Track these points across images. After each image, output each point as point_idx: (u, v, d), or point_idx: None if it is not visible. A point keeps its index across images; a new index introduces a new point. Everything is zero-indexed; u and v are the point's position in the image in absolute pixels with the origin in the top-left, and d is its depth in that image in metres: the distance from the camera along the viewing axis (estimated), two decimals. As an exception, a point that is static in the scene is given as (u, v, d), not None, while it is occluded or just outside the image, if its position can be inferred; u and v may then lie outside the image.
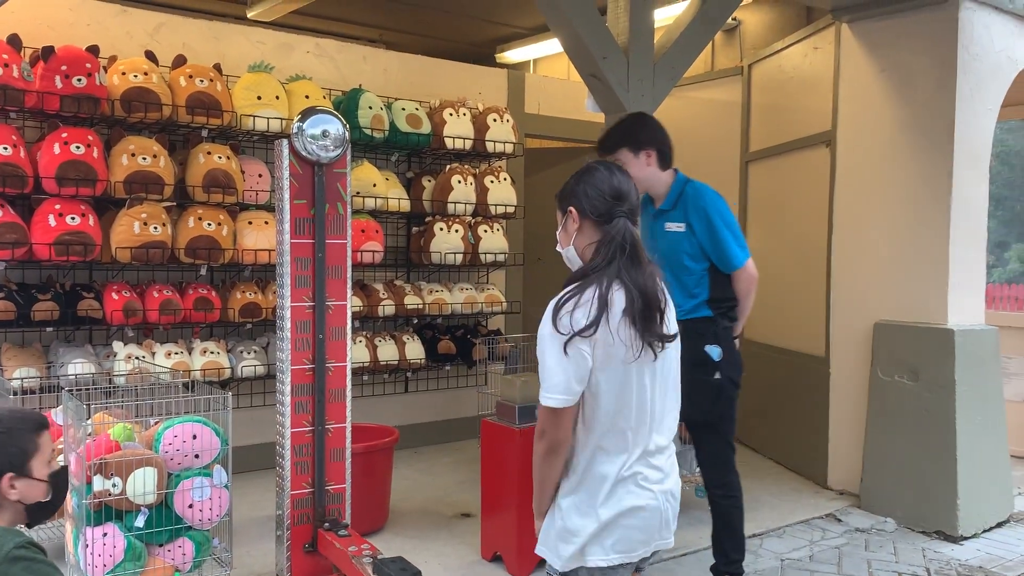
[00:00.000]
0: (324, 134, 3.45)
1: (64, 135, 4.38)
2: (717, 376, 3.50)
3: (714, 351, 3.48)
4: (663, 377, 2.07)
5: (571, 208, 2.10)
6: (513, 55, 8.48)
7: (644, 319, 1.96)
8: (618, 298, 1.96)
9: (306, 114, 3.46)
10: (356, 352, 5.29)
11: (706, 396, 3.48)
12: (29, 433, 1.99)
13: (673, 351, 2.10)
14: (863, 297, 5.14)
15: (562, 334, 1.93)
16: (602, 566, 2.01)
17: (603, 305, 1.94)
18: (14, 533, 1.85)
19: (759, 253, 6.38)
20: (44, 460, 2.03)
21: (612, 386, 1.97)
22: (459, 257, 5.83)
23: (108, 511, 3.17)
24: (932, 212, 4.83)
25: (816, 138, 5.58)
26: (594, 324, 1.92)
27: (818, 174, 5.52)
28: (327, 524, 3.48)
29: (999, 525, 4.76)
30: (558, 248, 2.18)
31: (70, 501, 3.30)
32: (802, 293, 5.75)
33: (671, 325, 2.08)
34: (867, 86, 5.14)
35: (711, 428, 3.59)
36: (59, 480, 2.13)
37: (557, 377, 1.95)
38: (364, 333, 5.58)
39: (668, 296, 2.08)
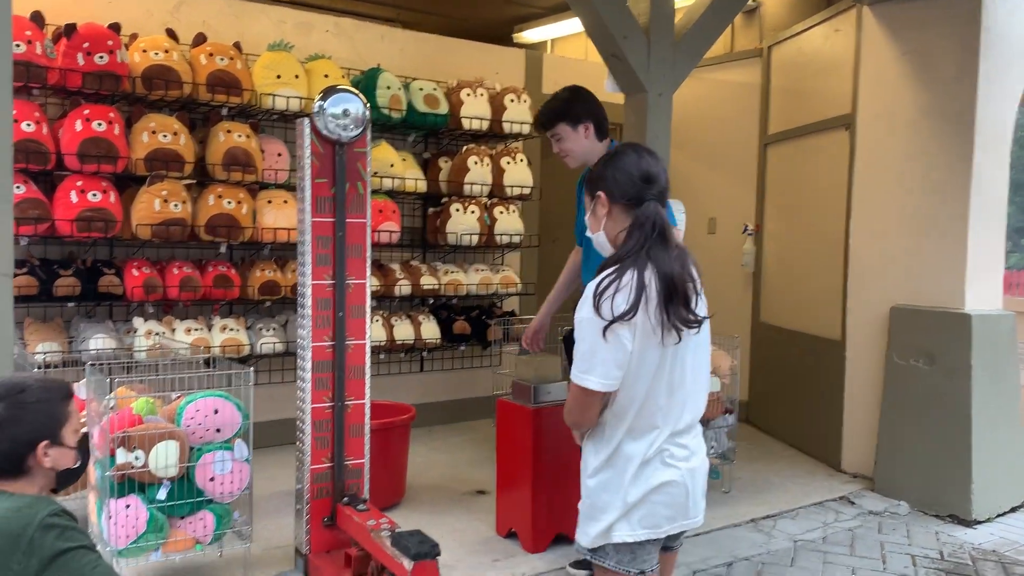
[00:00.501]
0: (345, 113, 3.47)
1: (86, 112, 4.41)
2: None
3: None
4: (694, 358, 2.08)
5: (600, 193, 2.10)
6: (531, 35, 8.44)
7: (673, 302, 1.97)
8: (652, 282, 1.97)
9: (327, 93, 3.47)
10: (373, 331, 5.31)
11: None
12: (60, 402, 2.03)
13: (704, 332, 2.11)
14: (880, 281, 5.14)
15: (603, 319, 1.94)
16: (628, 542, 2.04)
17: (641, 289, 1.95)
18: (47, 501, 1.89)
19: (776, 236, 6.42)
20: (73, 428, 2.06)
21: (646, 369, 1.99)
22: (475, 238, 5.85)
23: (131, 483, 3.23)
24: (951, 197, 4.81)
25: (835, 121, 5.55)
26: (633, 308, 1.93)
27: (837, 157, 5.50)
28: (346, 499, 3.53)
29: (1013, 510, 4.77)
30: (588, 233, 2.18)
31: (93, 473, 3.36)
32: (819, 277, 5.74)
33: (701, 308, 2.08)
34: (888, 69, 5.11)
35: None
36: (84, 446, 2.17)
37: (594, 360, 1.96)
38: (381, 312, 5.62)
39: (698, 278, 2.08)
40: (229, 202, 4.79)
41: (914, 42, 4.98)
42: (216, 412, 3.31)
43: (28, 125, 4.28)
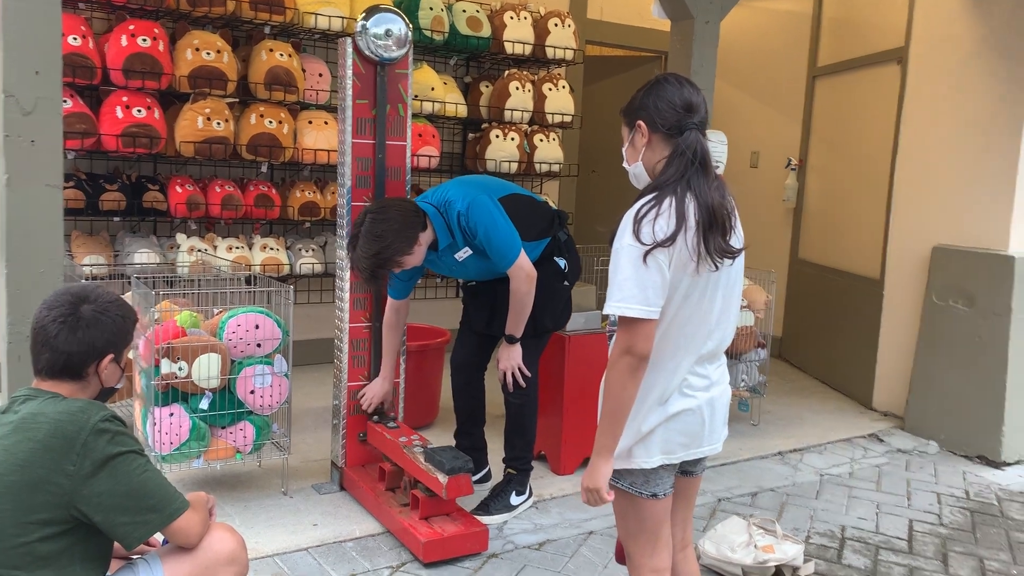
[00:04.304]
0: (387, 33, 3.45)
1: (131, 27, 4.43)
2: (566, 284, 3.60)
3: (561, 261, 3.56)
4: (725, 289, 2.06)
5: (640, 122, 2.06)
6: (577, -42, 8.24)
7: (712, 232, 1.95)
8: (691, 210, 1.95)
9: (370, 12, 3.45)
10: (410, 254, 5.37)
11: (559, 303, 3.57)
12: (132, 324, 2.12)
13: (738, 264, 2.10)
14: (923, 221, 5.06)
15: (643, 244, 1.90)
16: (644, 468, 2.07)
17: (681, 216, 1.93)
18: (99, 407, 1.96)
19: (820, 172, 6.32)
20: (128, 352, 2.15)
21: (675, 297, 1.98)
22: (514, 166, 5.83)
23: (175, 393, 3.34)
24: (1002, 137, 4.68)
25: (887, 55, 5.40)
26: (675, 234, 1.92)
27: (887, 92, 5.37)
28: (375, 417, 3.62)
29: (1043, 454, 4.77)
30: (625, 165, 2.16)
31: (139, 382, 3.48)
32: (861, 214, 5.66)
33: (738, 239, 2.06)
34: (945, 0, 4.94)
35: (545, 337, 3.63)
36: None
37: (635, 287, 1.91)
38: (418, 236, 5.65)
39: (735, 209, 2.06)
40: (271, 122, 4.82)
41: (975, -27, 4.80)
42: (257, 327, 3.39)
43: (74, 39, 4.31)
